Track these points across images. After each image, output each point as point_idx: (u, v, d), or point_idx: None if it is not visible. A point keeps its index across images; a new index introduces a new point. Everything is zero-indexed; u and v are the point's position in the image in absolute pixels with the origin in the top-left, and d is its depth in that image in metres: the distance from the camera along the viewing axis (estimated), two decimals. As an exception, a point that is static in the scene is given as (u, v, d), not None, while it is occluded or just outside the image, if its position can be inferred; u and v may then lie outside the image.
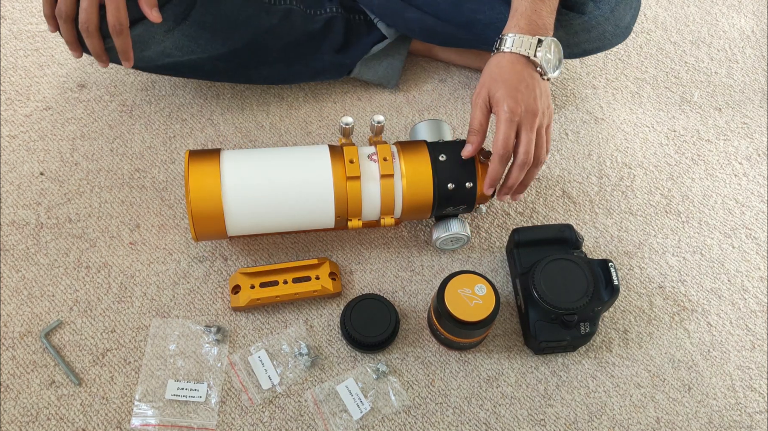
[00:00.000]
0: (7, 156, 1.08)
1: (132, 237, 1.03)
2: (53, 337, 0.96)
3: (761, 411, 0.97)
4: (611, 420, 0.95)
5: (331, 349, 0.97)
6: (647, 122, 1.21)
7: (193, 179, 0.90)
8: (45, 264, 1.00)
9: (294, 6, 1.10)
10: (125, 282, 1.00)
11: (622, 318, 1.03)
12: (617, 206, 1.12)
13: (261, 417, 0.92)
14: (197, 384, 0.93)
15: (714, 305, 1.05)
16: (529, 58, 0.91)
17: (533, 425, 0.94)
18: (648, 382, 0.98)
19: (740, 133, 1.21)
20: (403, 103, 1.19)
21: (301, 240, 1.05)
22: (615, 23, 1.06)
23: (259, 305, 0.98)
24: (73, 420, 0.91)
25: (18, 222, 1.03)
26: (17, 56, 1.18)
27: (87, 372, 0.94)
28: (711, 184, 1.16)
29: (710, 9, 1.36)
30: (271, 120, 1.16)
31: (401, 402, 0.94)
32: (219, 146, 1.12)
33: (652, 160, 1.17)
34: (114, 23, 0.87)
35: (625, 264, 1.07)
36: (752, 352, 1.01)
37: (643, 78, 1.26)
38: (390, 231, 1.07)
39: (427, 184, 0.94)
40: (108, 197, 1.06)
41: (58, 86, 1.15)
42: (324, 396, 0.94)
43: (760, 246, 1.10)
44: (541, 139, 0.92)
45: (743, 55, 1.31)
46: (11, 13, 1.22)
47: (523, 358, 0.99)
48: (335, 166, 0.92)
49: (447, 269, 1.04)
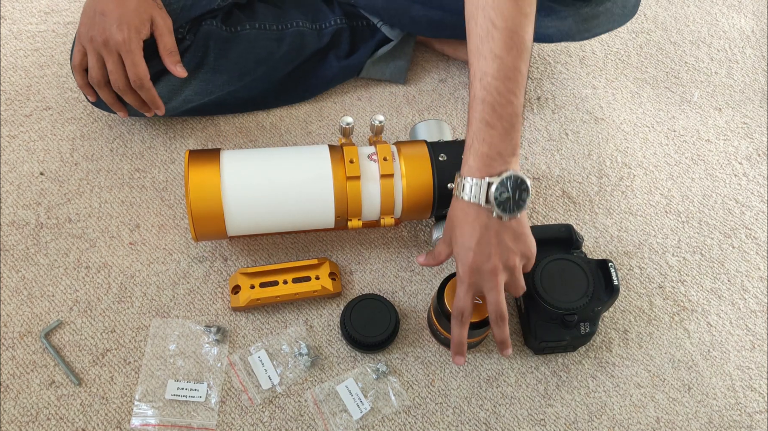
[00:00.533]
0: (7, 156, 1.08)
1: (132, 238, 1.03)
2: (53, 337, 0.96)
3: (761, 411, 0.97)
4: (611, 420, 0.95)
5: (331, 349, 0.97)
6: (647, 122, 1.21)
7: (193, 179, 0.90)
8: (45, 264, 1.00)
9: (302, 27, 1.11)
10: (125, 282, 1.00)
11: (622, 318, 1.03)
12: (617, 206, 1.12)
13: (261, 417, 0.92)
14: (197, 384, 0.93)
15: (714, 305, 1.05)
16: (481, 206, 0.80)
17: (533, 425, 0.94)
18: (648, 382, 0.98)
19: (740, 133, 1.21)
20: (403, 103, 1.19)
21: (301, 240, 1.05)
22: (622, 4, 1.06)
23: (259, 305, 0.98)
24: (73, 420, 0.91)
25: (18, 222, 1.03)
26: (17, 56, 1.18)
27: (87, 372, 0.94)
28: (711, 184, 1.16)
29: (710, 9, 1.36)
30: (271, 120, 1.16)
31: (401, 402, 0.94)
32: (219, 146, 1.12)
33: (652, 160, 1.17)
34: (134, 79, 0.94)
35: (625, 264, 1.07)
36: (752, 352, 1.01)
37: (643, 78, 1.26)
38: (390, 231, 1.07)
39: (427, 184, 0.94)
40: (108, 197, 1.06)
41: (58, 86, 1.15)
42: (324, 396, 0.94)
43: (760, 247, 1.10)
44: (516, 282, 0.84)
45: (743, 55, 1.31)
46: (11, 13, 1.22)
47: (523, 358, 0.99)
48: (335, 166, 0.92)
49: (447, 269, 1.04)
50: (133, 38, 0.92)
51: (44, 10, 1.23)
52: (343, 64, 1.15)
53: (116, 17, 0.91)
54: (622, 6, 1.07)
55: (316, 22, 1.13)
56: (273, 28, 1.09)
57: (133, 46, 0.92)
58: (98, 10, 0.93)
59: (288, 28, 1.10)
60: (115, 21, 0.91)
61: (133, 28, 0.92)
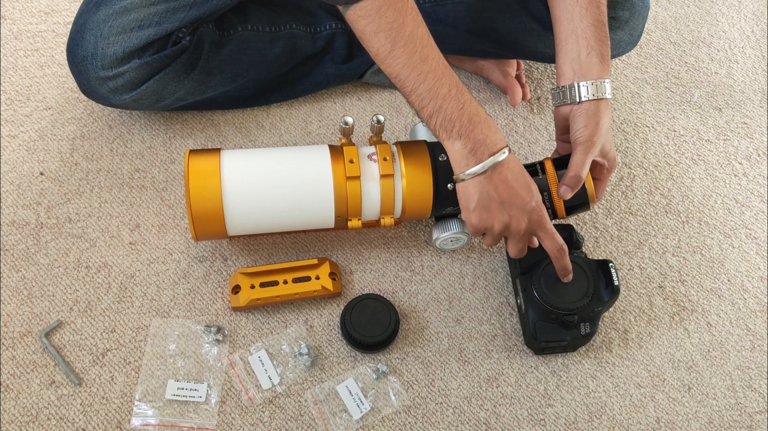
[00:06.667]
0: (7, 156, 1.08)
1: (132, 237, 1.03)
2: (53, 337, 0.96)
3: (761, 411, 0.97)
4: (611, 420, 0.95)
5: (331, 349, 0.97)
6: (647, 122, 1.21)
7: (193, 179, 0.90)
8: (45, 264, 1.00)
9: (295, 30, 1.11)
10: (125, 282, 1.00)
11: (622, 318, 1.03)
12: (617, 206, 1.12)
13: (261, 417, 0.92)
14: (197, 384, 0.93)
15: (714, 305, 1.05)
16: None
17: (533, 425, 0.94)
18: (648, 382, 0.98)
19: (740, 133, 1.21)
20: (403, 103, 1.19)
21: (301, 240, 1.05)
22: (630, 33, 1.09)
23: (259, 305, 0.98)
24: (73, 420, 0.91)
25: (18, 222, 1.03)
26: (17, 56, 1.18)
27: (87, 372, 0.94)
28: (711, 183, 1.16)
29: (710, 9, 1.36)
30: (271, 120, 1.16)
31: (401, 402, 0.94)
32: (219, 146, 1.12)
33: (652, 160, 1.17)
34: (558, 248, 0.91)
35: (625, 264, 1.07)
36: (752, 352, 1.01)
37: (643, 78, 1.26)
38: (390, 231, 1.07)
39: (427, 184, 0.94)
40: (108, 197, 1.06)
41: (58, 86, 1.15)
42: (324, 396, 0.94)
43: (760, 246, 1.10)
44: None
45: (743, 55, 1.31)
46: (11, 13, 1.22)
47: (523, 358, 0.99)
48: (335, 165, 0.92)
49: (447, 269, 1.04)
50: (545, 213, 0.90)
51: (44, 10, 1.23)
52: (341, 70, 1.15)
53: (528, 197, 0.88)
54: (630, 34, 1.09)
55: (311, 25, 1.12)
56: (266, 30, 1.09)
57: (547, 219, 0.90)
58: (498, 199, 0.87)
59: (281, 30, 1.10)
60: (530, 201, 0.88)
61: (541, 204, 0.89)
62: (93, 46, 0.96)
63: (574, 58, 0.91)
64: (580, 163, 0.90)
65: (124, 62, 0.97)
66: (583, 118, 0.90)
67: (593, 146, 0.90)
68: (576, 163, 0.90)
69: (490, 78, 1.20)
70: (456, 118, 0.84)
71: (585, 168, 0.90)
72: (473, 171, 0.85)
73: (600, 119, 0.90)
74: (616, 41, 1.08)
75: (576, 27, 0.90)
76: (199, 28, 1.03)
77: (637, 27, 1.09)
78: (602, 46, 0.91)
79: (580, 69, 0.90)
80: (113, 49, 0.96)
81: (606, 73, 0.91)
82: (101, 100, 1.02)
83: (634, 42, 1.12)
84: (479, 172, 0.85)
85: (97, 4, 0.97)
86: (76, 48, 0.97)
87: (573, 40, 0.91)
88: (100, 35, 0.96)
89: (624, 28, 1.07)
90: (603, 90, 0.90)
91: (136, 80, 0.99)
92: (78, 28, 0.97)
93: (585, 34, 0.90)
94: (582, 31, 0.90)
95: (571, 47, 0.91)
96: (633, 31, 1.09)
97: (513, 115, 1.19)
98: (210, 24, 1.04)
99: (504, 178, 0.86)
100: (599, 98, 0.90)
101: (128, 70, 0.97)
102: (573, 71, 0.91)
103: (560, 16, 0.92)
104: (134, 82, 0.99)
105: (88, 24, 0.96)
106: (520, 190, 0.87)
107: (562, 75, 0.92)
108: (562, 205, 0.93)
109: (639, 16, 1.08)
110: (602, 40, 0.91)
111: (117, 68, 0.97)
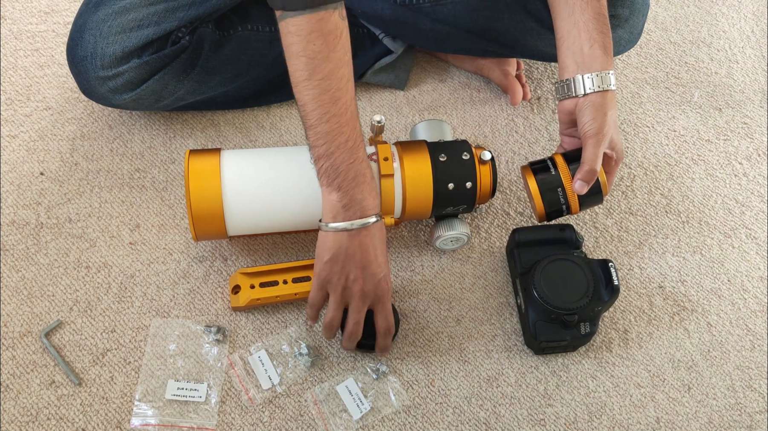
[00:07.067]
0: (7, 156, 1.08)
1: (132, 237, 1.03)
2: (53, 337, 0.96)
3: (761, 411, 0.97)
4: (611, 420, 0.95)
5: (331, 349, 0.97)
6: (647, 122, 1.21)
7: (193, 179, 0.90)
8: (45, 264, 1.00)
9: None
10: (125, 282, 1.00)
11: (622, 318, 1.03)
12: (617, 206, 1.12)
13: (261, 417, 0.92)
14: (197, 384, 0.93)
15: (714, 305, 1.05)
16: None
17: (533, 425, 0.94)
18: (648, 382, 0.98)
19: (740, 133, 1.21)
20: (403, 103, 1.19)
21: (301, 240, 1.05)
22: (630, 31, 1.09)
23: (259, 305, 0.98)
24: (73, 420, 0.91)
25: (18, 222, 1.03)
26: (17, 56, 1.18)
27: (87, 372, 0.94)
28: (711, 184, 1.16)
29: (710, 9, 1.36)
30: (271, 120, 1.16)
31: (401, 402, 0.94)
32: (219, 146, 1.12)
33: (652, 160, 1.17)
34: (387, 327, 0.92)
35: (625, 264, 1.07)
36: (752, 352, 1.01)
37: (643, 78, 1.26)
38: (390, 231, 1.07)
39: (427, 184, 0.94)
40: (108, 197, 1.06)
41: (58, 86, 1.15)
42: (324, 396, 0.94)
43: (760, 246, 1.10)
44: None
45: (743, 55, 1.31)
46: (11, 13, 1.22)
47: (523, 358, 0.99)
48: (335, 166, 0.92)
49: (447, 269, 1.04)
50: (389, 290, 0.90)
51: (44, 10, 1.23)
52: None
53: (381, 267, 0.88)
54: (630, 32, 1.09)
55: None
56: (266, 30, 1.09)
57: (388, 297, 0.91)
58: (352, 257, 0.87)
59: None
60: (380, 271, 0.88)
61: (389, 278, 0.90)
62: (92, 45, 0.96)
63: (577, 51, 0.90)
64: (593, 156, 0.89)
65: (124, 62, 0.97)
66: (591, 111, 0.89)
67: (604, 138, 0.89)
68: (589, 157, 0.89)
69: (490, 77, 1.20)
70: (343, 170, 0.83)
71: (599, 161, 0.89)
72: (341, 226, 0.84)
73: (607, 110, 0.90)
74: (616, 39, 1.08)
75: (577, 20, 0.90)
76: (198, 27, 1.02)
77: (637, 25, 1.09)
78: (604, 38, 0.90)
79: (583, 61, 0.90)
80: (113, 48, 0.96)
81: (609, 65, 0.90)
82: (101, 100, 1.02)
83: (634, 40, 1.12)
84: (346, 229, 0.84)
85: (97, 4, 0.98)
86: (76, 48, 0.97)
87: (575, 33, 0.90)
88: (100, 35, 0.96)
89: (624, 26, 1.07)
90: (608, 81, 0.89)
91: (135, 80, 0.99)
92: (78, 28, 0.98)
93: (587, 27, 0.90)
94: (584, 24, 0.90)
95: (573, 40, 0.91)
96: (633, 29, 1.09)
97: (513, 115, 1.19)
98: (210, 24, 1.04)
99: (365, 241, 0.85)
100: (605, 90, 0.89)
101: (128, 69, 0.98)
102: (576, 64, 0.90)
103: (561, 10, 0.92)
104: (134, 82, 0.99)
105: (88, 24, 0.97)
106: (376, 257, 0.86)
107: (565, 68, 0.91)
108: (576, 200, 0.93)
109: (639, 14, 1.07)
110: (604, 32, 0.90)
111: (116, 68, 0.97)
